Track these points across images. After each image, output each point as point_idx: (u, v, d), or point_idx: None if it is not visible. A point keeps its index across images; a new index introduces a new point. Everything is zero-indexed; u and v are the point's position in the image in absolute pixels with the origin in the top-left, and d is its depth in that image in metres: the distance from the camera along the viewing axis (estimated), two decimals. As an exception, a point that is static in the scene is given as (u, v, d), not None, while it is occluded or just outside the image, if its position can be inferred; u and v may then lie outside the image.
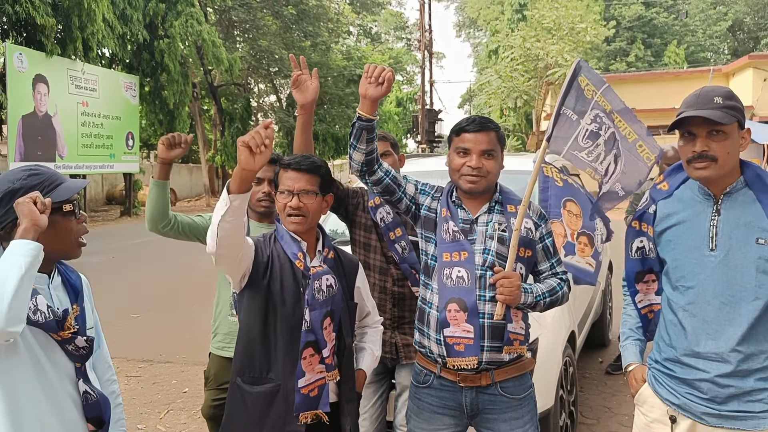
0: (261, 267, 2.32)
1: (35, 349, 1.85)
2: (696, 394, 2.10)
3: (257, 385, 2.30)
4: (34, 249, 1.70)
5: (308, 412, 2.28)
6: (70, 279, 2.02)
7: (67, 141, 19.67)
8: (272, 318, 2.31)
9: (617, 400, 5.23)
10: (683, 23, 46.20)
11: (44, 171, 1.95)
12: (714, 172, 2.05)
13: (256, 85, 38.82)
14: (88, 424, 1.99)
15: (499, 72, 25.79)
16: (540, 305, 2.47)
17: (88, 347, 1.96)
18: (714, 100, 2.05)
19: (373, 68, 2.38)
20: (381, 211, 3.11)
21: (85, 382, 1.98)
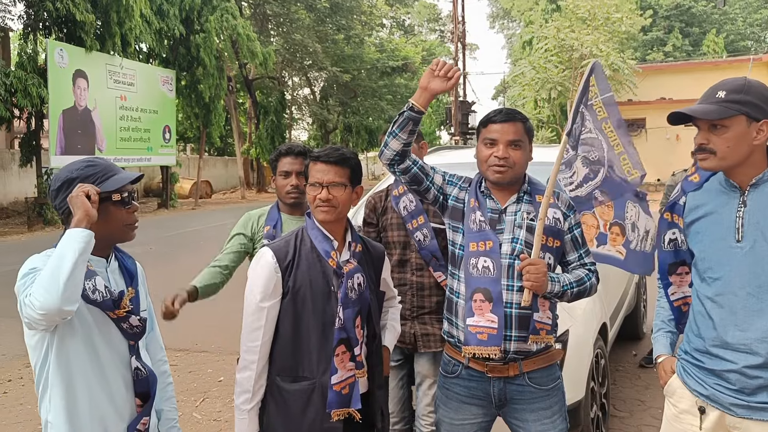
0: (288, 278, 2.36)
1: (91, 326, 2.02)
2: (724, 385, 2.10)
3: (294, 383, 2.35)
4: (86, 236, 1.86)
5: (341, 410, 2.32)
6: (126, 264, 2.20)
7: (106, 134, 20.10)
8: (303, 316, 2.35)
9: (651, 393, 5.20)
10: (722, 11, 45.11)
11: (100, 163, 2.10)
12: (714, 164, 2.07)
13: (290, 78, 39.08)
14: (136, 398, 2.13)
15: (532, 63, 25.51)
16: (567, 295, 2.47)
17: (142, 326, 2.12)
18: (717, 94, 2.06)
19: (443, 63, 2.41)
20: (404, 200, 3.19)
21: (137, 359, 2.13)
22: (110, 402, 2.07)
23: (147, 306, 2.29)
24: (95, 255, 2.03)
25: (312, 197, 2.37)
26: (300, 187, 3.15)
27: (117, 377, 2.09)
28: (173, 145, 24.39)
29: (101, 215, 1.96)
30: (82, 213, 1.88)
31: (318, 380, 2.32)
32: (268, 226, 3.18)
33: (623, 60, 24.23)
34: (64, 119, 18.06)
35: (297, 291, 2.34)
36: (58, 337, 1.97)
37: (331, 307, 2.34)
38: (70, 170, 2.06)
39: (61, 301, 1.76)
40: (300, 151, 3.20)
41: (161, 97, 23.09)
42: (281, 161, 3.20)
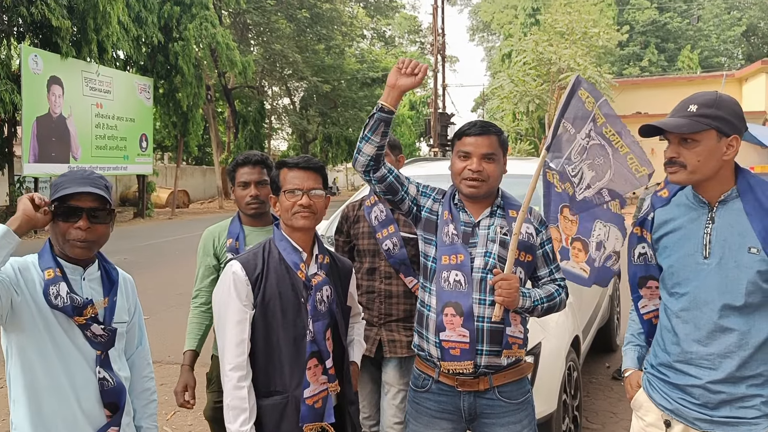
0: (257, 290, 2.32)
1: (57, 330, 2.05)
2: (688, 399, 2.11)
3: (267, 398, 2.31)
4: (1, 230, 1.88)
5: (313, 424, 2.29)
6: (110, 275, 2.23)
7: (82, 142, 19.86)
8: (274, 330, 2.32)
9: (623, 406, 5.22)
10: (697, 28, 45.97)
11: (72, 175, 2.15)
12: (683, 177, 2.09)
13: (269, 88, 39.02)
14: (105, 409, 2.13)
15: (511, 76, 25.74)
16: (538, 310, 2.48)
17: (107, 336, 2.12)
18: (688, 108, 2.08)
19: (409, 61, 2.40)
20: (375, 210, 3.20)
21: (106, 369, 2.12)
22: (79, 408, 2.08)
23: (135, 320, 2.33)
24: (71, 263, 2.11)
25: (291, 204, 2.34)
26: (260, 197, 3.11)
27: (84, 384, 2.09)
28: (150, 153, 24.17)
29: (52, 225, 2.06)
30: (19, 212, 1.94)
31: (291, 393, 2.30)
32: (231, 239, 3.13)
33: (600, 74, 24.56)
34: (38, 126, 17.79)
35: (267, 304, 2.31)
36: (18, 338, 2.02)
37: (302, 320, 2.32)
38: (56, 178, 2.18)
39: None
40: (258, 160, 3.16)
41: (138, 105, 22.90)
42: (239, 171, 3.15)
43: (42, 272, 2.05)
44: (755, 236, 2.01)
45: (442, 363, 2.45)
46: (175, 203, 26.60)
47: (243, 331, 2.29)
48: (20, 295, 2.00)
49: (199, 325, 3.20)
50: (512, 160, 5.83)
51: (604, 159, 2.74)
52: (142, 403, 2.36)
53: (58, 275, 2.04)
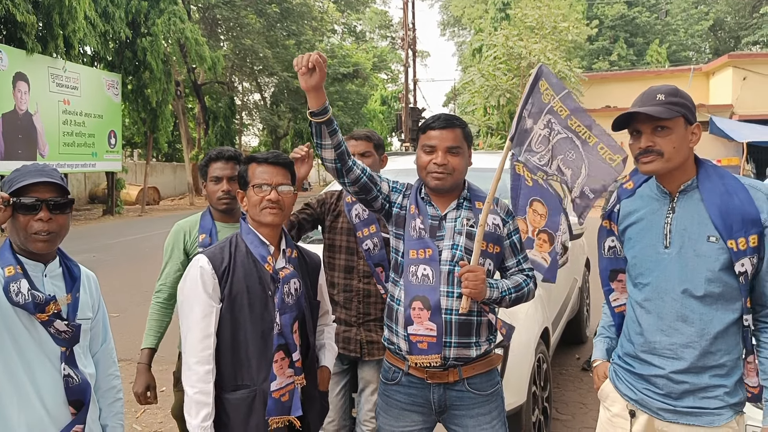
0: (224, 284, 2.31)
1: (18, 327, 2.02)
2: (652, 389, 2.14)
3: (234, 392, 2.30)
4: None
5: (280, 418, 2.29)
6: (72, 271, 2.21)
7: (49, 139, 19.51)
8: (241, 324, 2.31)
9: (593, 397, 5.28)
10: (665, 22, 46.56)
11: (26, 169, 2.12)
12: (660, 166, 2.10)
13: (239, 84, 38.69)
14: (70, 406, 2.10)
15: (482, 71, 25.84)
16: (506, 300, 2.49)
17: (72, 332, 2.10)
18: (657, 97, 2.10)
19: (301, 59, 2.32)
20: (356, 208, 3.17)
21: (70, 366, 2.10)
22: (42, 405, 2.05)
23: (99, 317, 2.32)
24: (31, 260, 2.08)
25: (259, 198, 2.33)
26: (232, 192, 3.09)
27: (48, 381, 2.07)
28: (119, 150, 23.82)
29: (11, 221, 2.04)
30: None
31: (259, 387, 2.29)
32: (204, 234, 3.10)
33: (570, 68, 24.75)
34: (3, 123, 17.44)
35: (234, 298, 2.30)
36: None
37: (269, 313, 2.31)
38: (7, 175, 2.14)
39: None
40: (231, 155, 3.14)
41: (106, 102, 22.55)
42: (211, 166, 3.13)
43: (2, 270, 2.02)
44: (713, 225, 2.05)
45: (410, 356, 2.46)
46: (145, 200, 26.28)
47: (209, 325, 2.27)
48: None
49: (160, 322, 3.16)
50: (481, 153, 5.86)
51: (575, 152, 2.74)
52: (108, 401, 2.34)
53: (18, 272, 2.02)
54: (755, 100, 25.16)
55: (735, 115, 25.49)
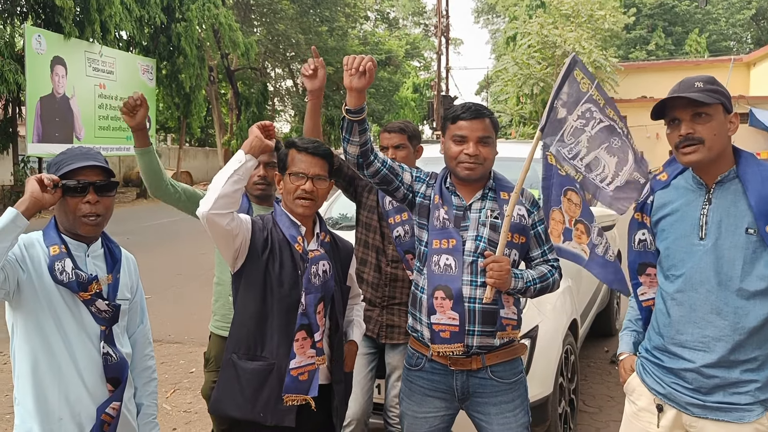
0: (260, 244, 2.36)
1: (60, 305, 2.08)
2: (681, 384, 2.11)
3: (251, 362, 2.34)
4: (11, 214, 1.90)
5: (296, 396, 2.31)
6: (113, 252, 2.27)
7: (85, 123, 19.86)
8: (269, 297, 2.34)
9: (621, 390, 5.18)
10: (706, 11, 45.49)
11: (72, 151, 2.17)
12: (703, 155, 2.05)
13: (272, 70, 38.80)
14: (108, 383, 2.16)
15: (515, 59, 25.55)
16: (530, 291, 2.49)
17: (112, 312, 2.17)
18: (695, 85, 2.06)
19: (353, 59, 2.33)
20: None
21: (109, 345, 2.16)
22: (81, 382, 2.11)
23: (137, 298, 2.38)
24: (76, 240, 2.14)
25: (294, 187, 2.37)
26: (267, 178, 3.12)
27: (87, 359, 2.12)
28: (153, 134, 24.18)
29: (60, 203, 2.08)
30: (26, 194, 1.95)
31: (277, 362, 2.32)
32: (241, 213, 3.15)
33: (605, 57, 24.33)
34: (41, 106, 17.80)
35: (267, 267, 2.34)
36: (22, 314, 2.06)
37: (297, 292, 2.34)
38: (53, 158, 2.19)
39: None
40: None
41: (141, 86, 22.77)
42: None
43: (47, 248, 2.08)
44: (752, 217, 2.00)
45: (432, 345, 2.47)
46: (178, 185, 26.56)
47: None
48: (26, 272, 2.04)
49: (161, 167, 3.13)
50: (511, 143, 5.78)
51: (620, 140, 2.69)
52: (143, 381, 2.39)
53: (63, 251, 2.08)
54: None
55: (776, 107, 24.88)
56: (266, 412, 2.30)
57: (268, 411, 2.30)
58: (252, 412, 2.31)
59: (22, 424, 2.08)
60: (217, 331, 3.21)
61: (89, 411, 2.12)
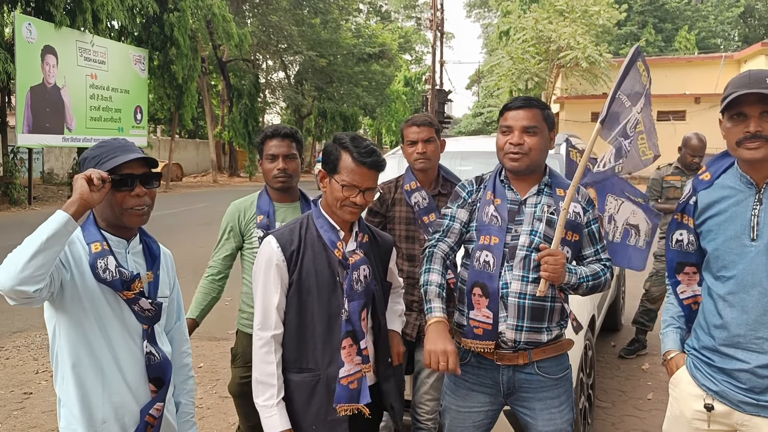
0: (291, 262, 2.29)
1: (102, 305, 2.01)
2: (734, 383, 2.08)
3: (298, 374, 2.28)
4: (62, 219, 1.80)
5: (348, 405, 2.25)
6: (151, 248, 2.18)
7: (76, 113, 19.64)
8: (309, 307, 2.28)
9: (631, 384, 5.25)
10: (695, 8, 45.76)
11: (109, 143, 2.07)
12: (767, 153, 2.01)
13: (264, 62, 38.62)
14: (150, 384, 2.10)
15: (510, 53, 25.57)
16: (583, 287, 2.44)
17: (155, 310, 2.10)
18: (766, 80, 2.00)
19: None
20: (416, 196, 3.18)
21: (151, 344, 2.10)
22: (125, 383, 2.05)
23: (175, 294, 2.31)
24: (116, 236, 2.07)
25: (343, 197, 2.25)
26: (288, 170, 3.06)
27: (130, 359, 2.06)
28: (145, 126, 23.94)
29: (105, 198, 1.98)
30: (76, 195, 1.85)
31: (323, 372, 2.26)
32: (261, 215, 3.08)
33: (600, 53, 24.40)
34: (31, 96, 17.57)
35: (302, 281, 2.27)
36: (65, 314, 1.97)
37: (337, 298, 2.28)
38: (88, 150, 2.09)
39: (17, 280, 1.71)
40: (287, 132, 3.10)
41: (133, 77, 22.63)
42: (267, 144, 3.09)
43: (88, 246, 1.99)
44: None
45: (464, 340, 2.45)
46: (169, 176, 26.43)
47: (273, 305, 2.27)
48: (69, 271, 1.96)
49: (205, 296, 3.19)
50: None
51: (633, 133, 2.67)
52: (181, 378, 2.33)
53: (105, 249, 2.00)
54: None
55: (766, 105, 25.06)
56: (318, 424, 2.25)
57: (319, 423, 2.25)
58: (303, 425, 2.26)
59: (67, 426, 2.03)
60: (245, 329, 3.16)
61: (133, 412, 2.06)
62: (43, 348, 6.03)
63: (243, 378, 3.12)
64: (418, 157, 3.20)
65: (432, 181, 3.28)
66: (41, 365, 5.59)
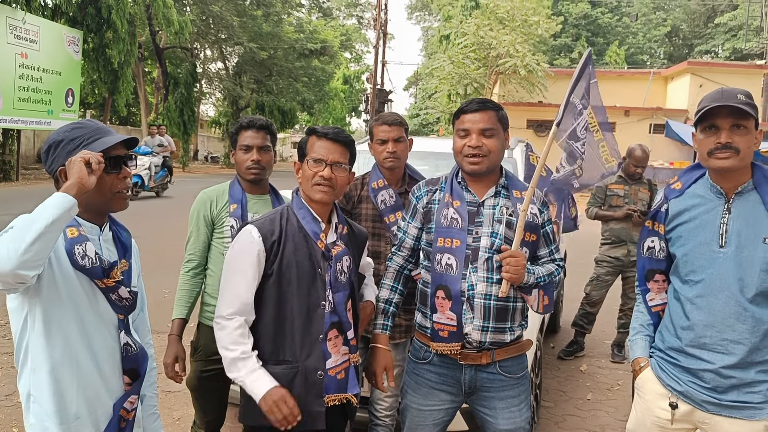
0: (272, 253, 2.29)
1: (78, 293, 1.91)
2: (698, 383, 2.22)
3: (275, 366, 2.27)
4: (67, 203, 1.72)
5: (336, 395, 2.28)
6: (121, 236, 2.09)
7: (3, 93, 18.70)
8: (288, 299, 2.28)
9: (571, 385, 5.44)
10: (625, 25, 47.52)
11: (88, 125, 1.99)
12: (735, 163, 2.16)
13: (202, 51, 37.81)
14: (125, 376, 2.03)
15: (451, 58, 25.91)
16: (539, 287, 2.53)
17: (132, 299, 2.03)
18: (737, 96, 2.15)
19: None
20: (383, 194, 3.20)
21: (127, 335, 2.03)
22: (99, 375, 1.97)
23: (139, 285, 2.19)
24: (89, 221, 1.98)
25: (312, 173, 2.30)
26: (261, 162, 3.04)
27: (104, 350, 1.98)
28: (76, 110, 23.00)
29: None
30: (75, 179, 1.77)
31: (301, 364, 2.27)
32: (235, 204, 3.03)
33: (538, 62, 25.02)
34: (-44, 72, 16.68)
35: (282, 273, 2.28)
36: (40, 302, 1.85)
37: (317, 291, 2.29)
38: (58, 133, 1.97)
39: (18, 263, 1.62)
40: (262, 124, 3.09)
41: (66, 59, 21.74)
42: (242, 134, 3.07)
43: (64, 231, 1.86)
44: None
45: (431, 343, 2.51)
46: (99, 163, 25.52)
47: (249, 293, 2.26)
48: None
49: (190, 292, 3.10)
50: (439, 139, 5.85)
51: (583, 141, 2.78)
52: (147, 369, 2.23)
53: (82, 234, 1.90)
54: (710, 108, 25.88)
55: (689, 120, 26.17)
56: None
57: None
58: None
59: (38, 422, 1.90)
60: (207, 322, 3.08)
61: (105, 407, 1.99)
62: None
63: (204, 372, 3.09)
64: (387, 156, 3.22)
65: (398, 179, 3.31)
66: None
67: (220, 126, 38.99)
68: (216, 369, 3.08)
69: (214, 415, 3.25)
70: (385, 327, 2.66)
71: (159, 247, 9.72)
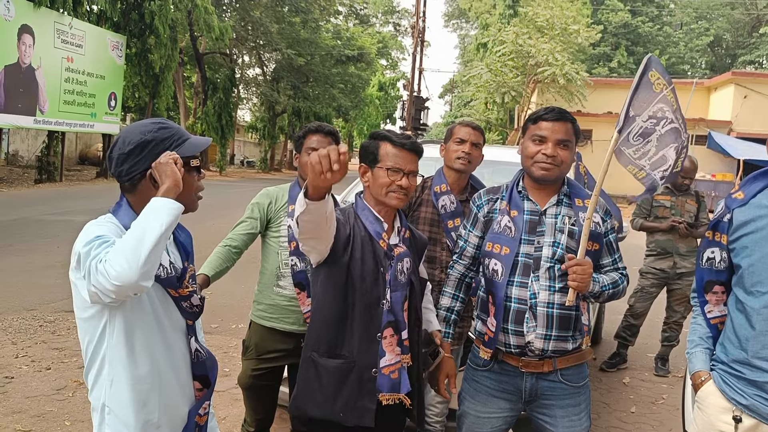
0: (342, 243, 2.30)
1: (156, 304, 1.87)
2: (765, 396, 2.16)
3: (332, 360, 2.30)
4: (176, 209, 1.70)
5: (390, 395, 2.28)
6: (180, 238, 2.01)
7: (49, 96, 19.24)
8: (351, 295, 2.31)
9: (614, 397, 5.35)
10: (667, 34, 46.84)
11: (172, 125, 1.93)
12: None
13: (240, 57, 38.32)
14: (195, 382, 2.00)
15: (489, 66, 25.82)
16: (604, 296, 2.51)
17: (201, 305, 1.99)
18: None
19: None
20: (444, 199, 3.20)
21: (196, 341, 2.00)
22: (177, 383, 1.94)
23: None
24: None
25: (389, 182, 2.33)
26: None
27: (180, 358, 1.95)
28: (118, 113, 23.55)
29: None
30: (171, 182, 1.74)
31: (358, 360, 2.28)
32: (293, 205, 3.07)
33: (577, 71, 24.79)
34: (5, 75, 17.18)
35: (351, 268, 2.31)
36: (123, 313, 1.79)
37: (378, 289, 2.32)
38: (142, 132, 1.86)
39: (140, 275, 1.59)
40: (330, 130, 3.15)
41: (109, 63, 22.26)
42: (309, 138, 3.13)
43: None
44: None
45: (480, 347, 2.51)
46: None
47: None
48: None
49: (222, 261, 3.09)
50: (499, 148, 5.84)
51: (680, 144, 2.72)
52: None
53: None
54: (754, 119, 25.39)
55: (733, 132, 25.75)
56: (346, 412, 2.27)
57: (348, 410, 2.27)
58: (332, 411, 2.28)
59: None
60: (259, 321, 3.16)
61: (182, 415, 1.96)
62: (21, 332, 5.91)
63: (255, 370, 3.14)
64: (462, 155, 3.22)
65: (462, 187, 3.32)
66: (21, 349, 5.47)
67: (257, 131, 39.42)
68: (267, 368, 3.14)
69: (265, 414, 3.29)
70: (447, 335, 2.67)
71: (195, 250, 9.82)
